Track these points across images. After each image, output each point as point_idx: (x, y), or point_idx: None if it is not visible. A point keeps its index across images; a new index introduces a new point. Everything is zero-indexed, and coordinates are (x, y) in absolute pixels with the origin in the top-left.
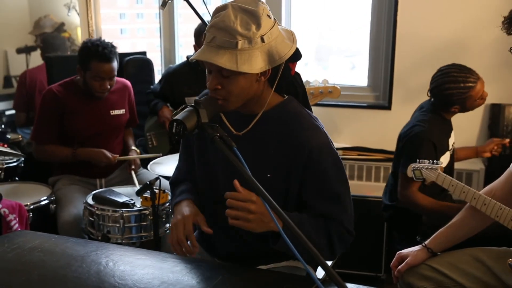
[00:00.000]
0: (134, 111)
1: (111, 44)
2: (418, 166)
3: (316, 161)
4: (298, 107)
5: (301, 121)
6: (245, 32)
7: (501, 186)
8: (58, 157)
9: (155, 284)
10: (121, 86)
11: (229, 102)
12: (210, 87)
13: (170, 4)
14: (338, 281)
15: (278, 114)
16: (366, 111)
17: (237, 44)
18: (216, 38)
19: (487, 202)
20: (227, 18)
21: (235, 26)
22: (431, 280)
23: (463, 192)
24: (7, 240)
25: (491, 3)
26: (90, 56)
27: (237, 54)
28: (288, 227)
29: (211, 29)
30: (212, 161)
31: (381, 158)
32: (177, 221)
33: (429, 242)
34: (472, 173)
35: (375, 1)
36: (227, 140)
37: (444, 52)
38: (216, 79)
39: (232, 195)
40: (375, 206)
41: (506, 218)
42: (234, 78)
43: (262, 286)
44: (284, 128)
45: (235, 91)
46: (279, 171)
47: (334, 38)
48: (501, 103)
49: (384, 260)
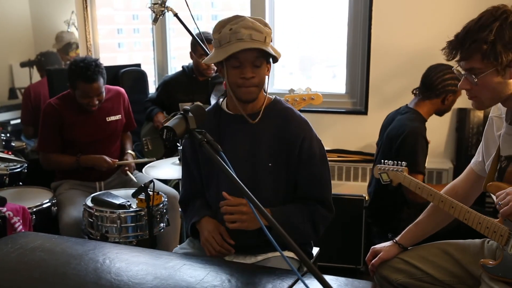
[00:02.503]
0: (131, 115)
1: (95, 63)
2: (384, 168)
3: (306, 149)
4: (284, 104)
5: (293, 115)
6: (267, 30)
7: (463, 184)
8: (63, 165)
9: (148, 279)
10: (115, 93)
11: (258, 88)
12: (247, 76)
13: (162, 20)
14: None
15: (273, 109)
16: (344, 116)
17: (265, 39)
18: (252, 35)
19: (454, 205)
20: (249, 21)
21: (260, 26)
22: (404, 273)
23: (430, 195)
24: (11, 240)
25: (458, 15)
26: (76, 78)
27: (267, 46)
28: (271, 224)
29: (241, 29)
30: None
31: (359, 159)
32: (206, 236)
33: (399, 238)
34: (441, 172)
35: (351, 14)
36: (214, 144)
37: (416, 60)
38: (251, 69)
39: (226, 203)
40: (354, 204)
41: (474, 221)
42: (262, 68)
43: (248, 279)
44: (280, 122)
45: (263, 79)
46: (279, 160)
47: (317, 49)
48: (466, 108)
49: (362, 253)
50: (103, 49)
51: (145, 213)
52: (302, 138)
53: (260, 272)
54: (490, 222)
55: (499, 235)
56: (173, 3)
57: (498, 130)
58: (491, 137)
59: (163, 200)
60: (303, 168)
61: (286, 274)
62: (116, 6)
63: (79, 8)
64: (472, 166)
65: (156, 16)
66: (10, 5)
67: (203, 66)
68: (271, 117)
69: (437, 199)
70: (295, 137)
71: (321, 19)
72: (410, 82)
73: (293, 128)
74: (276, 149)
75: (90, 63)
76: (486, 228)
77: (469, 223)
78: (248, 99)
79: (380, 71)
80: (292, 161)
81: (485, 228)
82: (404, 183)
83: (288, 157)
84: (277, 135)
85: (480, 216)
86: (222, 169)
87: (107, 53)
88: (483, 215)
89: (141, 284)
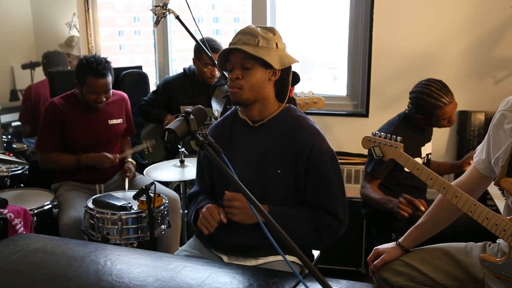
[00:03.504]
0: (131, 121)
1: (105, 60)
2: (376, 140)
3: (315, 158)
4: (299, 112)
5: (304, 123)
6: (265, 35)
7: (465, 183)
8: (62, 164)
9: (150, 281)
10: (119, 97)
11: (244, 91)
12: (232, 76)
13: (163, 22)
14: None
15: (284, 117)
16: (345, 118)
17: (258, 42)
18: (241, 39)
19: (458, 195)
20: (250, 27)
21: (257, 30)
22: (405, 276)
23: (431, 179)
24: (12, 242)
25: (459, 18)
26: (86, 72)
27: (258, 50)
28: (267, 222)
29: (237, 35)
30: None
31: (359, 162)
32: (204, 213)
33: (402, 240)
34: None
35: (352, 16)
36: (216, 147)
37: (417, 63)
38: (237, 71)
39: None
40: (356, 206)
41: (481, 215)
42: (253, 70)
43: (250, 281)
44: (290, 129)
45: (251, 81)
46: (288, 168)
47: (318, 52)
48: (468, 110)
49: (363, 256)
50: (105, 51)
51: (146, 215)
52: (311, 147)
53: (261, 274)
54: (500, 219)
55: (509, 234)
56: (174, 5)
57: (509, 123)
58: (501, 131)
59: (164, 202)
60: (311, 177)
61: (287, 277)
62: (118, 8)
63: (81, 10)
64: (475, 165)
65: (157, 18)
66: (12, 7)
67: (207, 75)
68: (282, 124)
69: (438, 184)
70: (304, 145)
71: (322, 22)
72: (411, 85)
73: (303, 136)
74: (285, 156)
75: (100, 59)
76: (494, 225)
77: (474, 217)
78: (234, 101)
79: (381, 74)
80: (300, 169)
81: (493, 225)
82: (399, 160)
83: (296, 165)
84: (286, 143)
85: (489, 211)
86: (223, 170)
87: (108, 55)
88: (491, 210)
89: (142, 286)
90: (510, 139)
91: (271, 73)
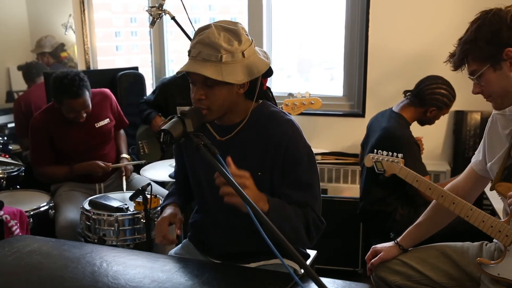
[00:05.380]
0: (120, 113)
1: (79, 77)
2: (379, 158)
3: (292, 153)
4: (270, 107)
5: (275, 117)
6: (229, 47)
7: (463, 184)
8: (58, 177)
9: (146, 282)
10: (101, 97)
11: (212, 111)
12: (195, 97)
13: (159, 23)
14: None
15: (256, 117)
16: (342, 119)
17: (221, 58)
18: (202, 53)
19: (456, 201)
20: (211, 35)
21: (220, 41)
22: (402, 275)
23: (429, 189)
24: (7, 244)
25: (455, 19)
26: (61, 95)
27: (221, 67)
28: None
29: (197, 45)
30: (197, 168)
31: (356, 162)
32: (157, 222)
33: (400, 239)
34: (439, 174)
35: (348, 17)
36: (211, 147)
37: (413, 63)
38: (200, 90)
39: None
40: (352, 206)
41: (477, 219)
42: (217, 89)
43: (246, 282)
44: (263, 129)
45: (218, 101)
46: (267, 168)
47: (314, 52)
48: (464, 110)
49: (360, 256)
50: (101, 52)
51: (143, 216)
52: (286, 141)
53: (257, 275)
54: (495, 221)
55: (504, 235)
56: (170, 6)
57: (504, 128)
58: (495, 136)
59: (161, 203)
60: (287, 173)
61: (283, 277)
62: (114, 9)
63: (77, 11)
64: (473, 166)
65: (153, 19)
66: (8, 8)
67: None
68: (256, 123)
69: (436, 194)
70: (279, 141)
71: (319, 22)
72: (407, 85)
73: (278, 130)
74: (263, 157)
75: (74, 78)
76: (490, 227)
77: (471, 221)
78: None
79: (377, 74)
80: (278, 167)
81: (489, 227)
82: (400, 174)
83: (274, 162)
84: (261, 142)
85: (484, 215)
86: (220, 171)
87: (104, 56)
88: (487, 213)
89: (139, 287)
90: (504, 147)
91: (238, 87)
